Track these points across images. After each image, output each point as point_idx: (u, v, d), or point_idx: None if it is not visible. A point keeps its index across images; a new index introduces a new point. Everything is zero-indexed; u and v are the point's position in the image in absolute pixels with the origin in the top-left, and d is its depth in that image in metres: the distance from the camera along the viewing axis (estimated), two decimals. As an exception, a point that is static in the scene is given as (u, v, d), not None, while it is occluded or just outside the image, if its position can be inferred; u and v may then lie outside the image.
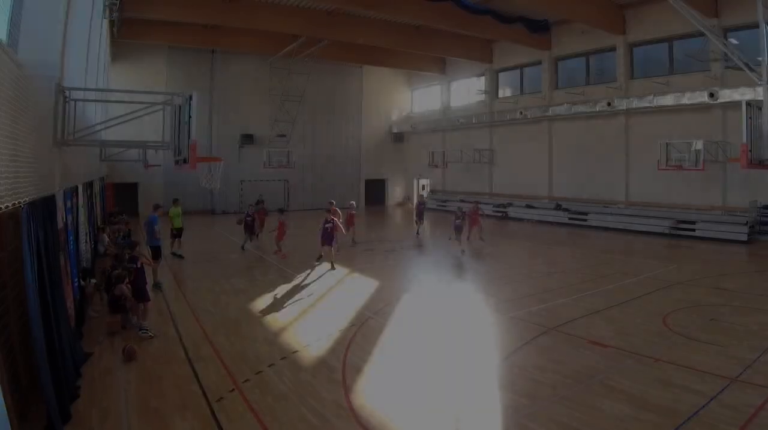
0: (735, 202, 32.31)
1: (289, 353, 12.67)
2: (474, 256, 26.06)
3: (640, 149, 36.66)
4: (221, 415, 9.36)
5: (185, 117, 13.83)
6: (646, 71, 37.55)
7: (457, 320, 15.55)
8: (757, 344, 12.79)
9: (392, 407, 9.79)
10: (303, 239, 28.34)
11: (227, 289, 19.64)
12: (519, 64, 47.49)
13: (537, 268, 22.71)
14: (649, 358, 11.89)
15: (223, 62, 49.70)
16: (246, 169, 50.47)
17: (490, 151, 50.18)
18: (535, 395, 10.12)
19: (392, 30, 42.83)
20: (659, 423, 8.89)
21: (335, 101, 56.72)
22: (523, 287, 19.58)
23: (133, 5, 32.02)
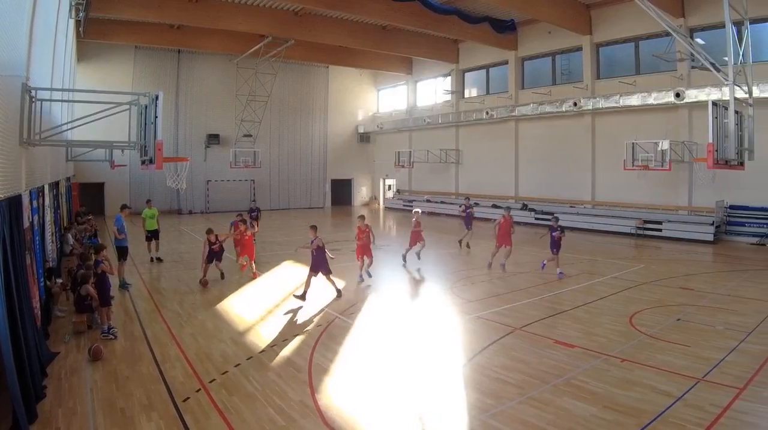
0: (701, 202, 32.61)
1: (256, 353, 12.66)
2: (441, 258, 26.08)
3: (607, 149, 36.97)
4: (187, 415, 9.31)
5: (151, 117, 13.80)
6: (613, 71, 37.85)
7: (423, 320, 15.58)
8: (723, 344, 12.89)
9: (358, 407, 9.80)
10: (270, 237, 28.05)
11: (194, 289, 19.60)
12: (485, 64, 47.73)
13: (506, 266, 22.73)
14: (615, 358, 11.95)
15: (189, 62, 49.67)
16: (212, 169, 50.71)
17: (457, 151, 50.45)
18: (501, 394, 10.13)
19: (358, 30, 43.03)
20: (625, 423, 8.94)
21: (301, 101, 56.84)
22: (489, 287, 19.61)
23: (99, 5, 31.58)
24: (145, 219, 24.49)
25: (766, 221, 29.88)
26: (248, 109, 49.59)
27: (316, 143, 58.23)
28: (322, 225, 31.48)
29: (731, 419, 8.97)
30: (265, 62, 46.23)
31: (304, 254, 20.85)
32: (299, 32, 40.95)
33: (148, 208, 24.83)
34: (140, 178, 45.70)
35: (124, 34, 40.65)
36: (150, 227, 24.45)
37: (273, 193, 55.06)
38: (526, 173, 44.19)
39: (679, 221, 32.80)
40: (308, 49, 46.90)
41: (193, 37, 42.91)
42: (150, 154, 13.87)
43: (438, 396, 10.27)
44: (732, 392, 9.97)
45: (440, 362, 12.07)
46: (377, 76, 61.13)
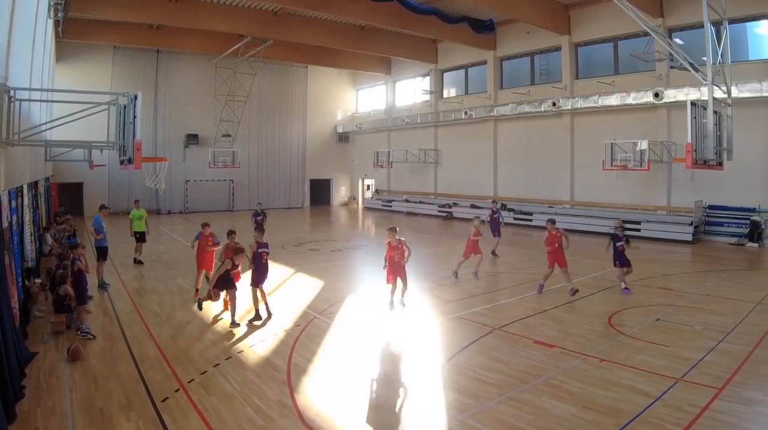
0: (680, 202, 32.76)
1: (235, 353, 12.64)
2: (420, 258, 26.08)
3: (585, 149, 37.13)
4: (166, 415, 9.29)
5: (130, 117, 13.79)
6: (592, 71, 38.04)
7: (402, 320, 15.56)
8: (701, 344, 12.94)
9: (337, 406, 9.81)
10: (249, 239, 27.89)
11: (172, 289, 19.62)
12: (464, 64, 47.92)
13: (482, 268, 22.71)
14: (594, 358, 11.97)
15: (168, 62, 49.48)
16: (191, 168, 50.64)
17: (435, 151, 50.54)
18: (480, 394, 10.14)
19: (337, 30, 43.12)
20: (604, 423, 8.96)
21: (280, 101, 56.82)
22: (469, 287, 19.57)
23: (78, 5, 31.47)
24: (132, 220, 24.14)
25: (744, 221, 30.00)
26: (227, 109, 49.58)
27: (294, 143, 58.25)
28: (300, 225, 31.53)
29: (710, 419, 9.01)
30: (244, 62, 46.22)
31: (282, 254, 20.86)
32: (278, 32, 41.03)
33: (136, 208, 24.49)
34: (119, 178, 45.52)
35: (102, 34, 40.49)
36: (137, 228, 24.03)
37: (252, 193, 54.73)
38: (504, 173, 44.33)
39: (658, 221, 32.94)
40: (287, 49, 46.96)
41: (171, 37, 42.81)
42: (129, 154, 13.85)
43: (417, 396, 10.29)
44: (711, 392, 10.01)
45: (419, 362, 12.08)
46: (356, 76, 61.19)
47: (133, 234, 24.07)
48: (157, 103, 49.04)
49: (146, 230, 24.38)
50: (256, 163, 55.15)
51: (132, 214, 24.34)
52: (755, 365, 11.49)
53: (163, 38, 43.05)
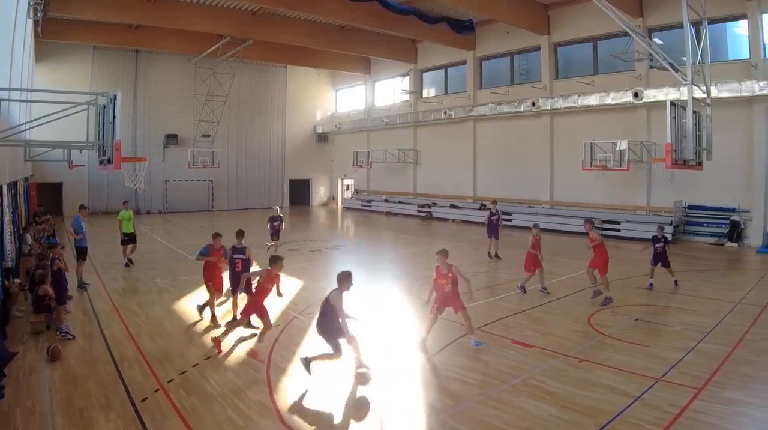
0: (659, 202, 32.89)
1: (214, 353, 12.59)
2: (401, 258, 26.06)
3: (565, 149, 37.20)
4: (146, 415, 9.27)
5: (109, 117, 13.78)
6: (571, 71, 38.17)
7: (381, 320, 15.55)
8: (681, 344, 13.01)
9: (317, 407, 9.85)
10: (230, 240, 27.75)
11: (151, 288, 19.62)
12: (443, 64, 47.96)
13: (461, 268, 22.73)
14: (573, 358, 12.01)
15: (148, 62, 49.35)
16: (170, 169, 50.52)
17: (415, 151, 50.56)
18: (459, 394, 10.18)
19: (317, 30, 43.11)
20: (583, 423, 8.99)
21: (260, 101, 56.82)
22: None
23: (58, 5, 31.31)
24: (122, 221, 23.79)
25: (724, 221, 30.17)
26: (206, 109, 49.41)
27: (274, 143, 58.21)
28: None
29: (689, 420, 9.05)
30: (223, 62, 46.11)
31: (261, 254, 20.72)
32: (257, 32, 41.00)
33: (125, 209, 24.19)
34: (98, 178, 45.33)
35: (82, 34, 40.31)
36: (126, 229, 23.70)
37: (231, 193, 55.01)
38: (484, 173, 44.39)
39: (638, 221, 32.99)
40: (266, 49, 46.87)
41: (151, 37, 42.60)
42: (108, 154, 13.83)
43: (397, 396, 10.26)
44: (690, 393, 10.06)
45: (399, 362, 12.06)
46: (335, 76, 61.15)
47: (122, 235, 23.77)
48: (136, 103, 48.87)
49: (134, 231, 24.12)
50: (236, 163, 55.06)
51: (121, 215, 24.04)
52: (735, 365, 11.54)
53: (142, 38, 42.86)
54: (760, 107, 28.50)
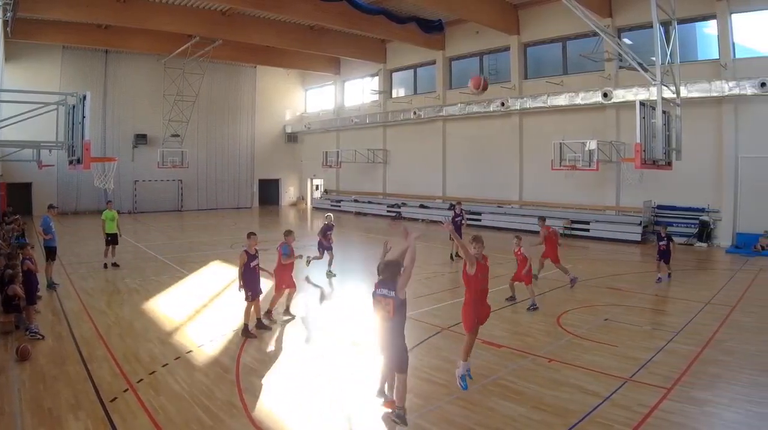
0: (629, 202, 33.12)
1: (183, 352, 12.59)
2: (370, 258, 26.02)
3: (534, 149, 37.32)
4: (115, 415, 9.24)
5: (79, 117, 13.86)
6: (540, 71, 38.35)
7: (351, 320, 15.58)
8: (650, 344, 13.09)
9: (286, 407, 9.81)
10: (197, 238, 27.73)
11: (121, 288, 19.52)
12: (413, 64, 48.00)
13: (430, 268, 22.71)
14: (543, 358, 12.05)
15: (117, 62, 49.13)
16: (140, 169, 50.30)
17: (384, 151, 50.67)
18: (429, 395, 10.20)
19: (286, 30, 43.10)
20: (553, 423, 9.01)
21: (229, 101, 56.75)
22: (417, 287, 19.44)
23: (27, 5, 31.04)
24: (105, 221, 23.43)
25: (693, 221, 30.44)
26: (176, 109, 49.31)
27: (243, 143, 58.17)
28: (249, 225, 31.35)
29: (659, 419, 9.09)
30: (192, 62, 46.05)
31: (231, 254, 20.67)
32: (226, 32, 40.88)
33: (109, 209, 23.89)
34: (68, 178, 45.23)
35: (51, 34, 40.12)
36: (109, 229, 23.27)
37: (200, 193, 55.00)
38: (453, 173, 44.51)
39: (607, 221, 33.28)
40: (236, 49, 46.76)
41: (120, 37, 42.41)
42: (77, 154, 14.00)
43: (366, 396, 10.20)
44: (660, 392, 10.11)
45: (369, 362, 11.96)
46: (305, 76, 61.19)
47: (105, 236, 23.38)
48: (105, 103, 48.63)
49: (117, 232, 23.69)
50: (205, 163, 54.97)
51: (104, 214, 23.73)
52: (704, 365, 11.61)
53: (111, 38, 42.65)
54: (730, 107, 28.75)
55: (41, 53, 44.43)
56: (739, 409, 9.56)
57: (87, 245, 26.71)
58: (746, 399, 9.91)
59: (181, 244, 28.29)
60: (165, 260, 25.04)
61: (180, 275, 21.69)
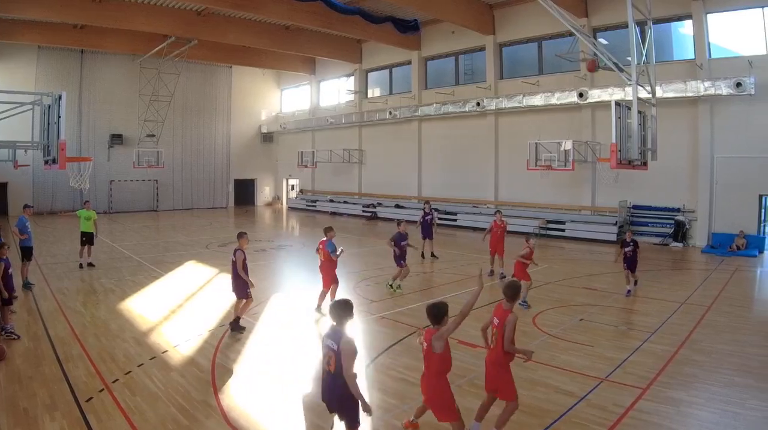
0: (604, 202, 33.26)
1: (159, 352, 12.53)
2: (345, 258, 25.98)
3: (510, 149, 37.40)
4: (91, 415, 9.18)
5: (54, 117, 13.83)
6: (516, 71, 38.42)
7: (326, 320, 15.32)
8: (626, 344, 13.17)
9: (261, 407, 9.80)
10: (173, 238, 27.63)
11: (96, 288, 19.40)
12: (388, 64, 47.99)
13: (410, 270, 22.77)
14: (518, 358, 11.93)
15: (93, 62, 48.74)
16: (115, 169, 50.05)
17: (360, 151, 50.66)
18: (404, 395, 10.16)
19: (261, 30, 43.02)
20: (529, 423, 9.03)
21: (205, 101, 56.54)
22: (394, 287, 19.45)
23: (2, 5, 31.06)
24: (80, 219, 23.37)
25: (669, 221, 30.59)
26: (151, 109, 49.17)
27: (219, 143, 57.97)
28: (225, 225, 31.26)
29: (634, 419, 9.13)
30: (168, 62, 45.99)
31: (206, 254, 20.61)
32: (202, 32, 40.73)
33: (86, 209, 23.64)
34: (43, 178, 44.95)
35: (26, 34, 39.88)
36: (84, 228, 23.14)
37: (176, 193, 54.77)
38: (429, 173, 44.52)
39: (582, 221, 33.37)
40: (211, 49, 46.59)
41: (96, 37, 42.14)
42: (53, 154, 14.07)
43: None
44: (635, 392, 10.16)
45: None
46: (280, 76, 61.18)
47: (81, 236, 23.26)
48: (81, 103, 48.29)
49: (95, 232, 23.52)
50: (181, 163, 54.75)
51: (79, 213, 23.65)
52: (679, 366, 11.67)
53: (87, 38, 42.37)
54: (705, 107, 28.91)
55: (16, 53, 44.09)
56: (714, 409, 9.59)
57: (63, 245, 26.58)
58: (722, 399, 9.96)
59: (156, 244, 28.22)
60: (141, 260, 24.87)
61: (156, 275, 21.57)
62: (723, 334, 14.05)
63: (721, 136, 28.69)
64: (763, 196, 28.52)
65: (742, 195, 28.21)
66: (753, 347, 12.93)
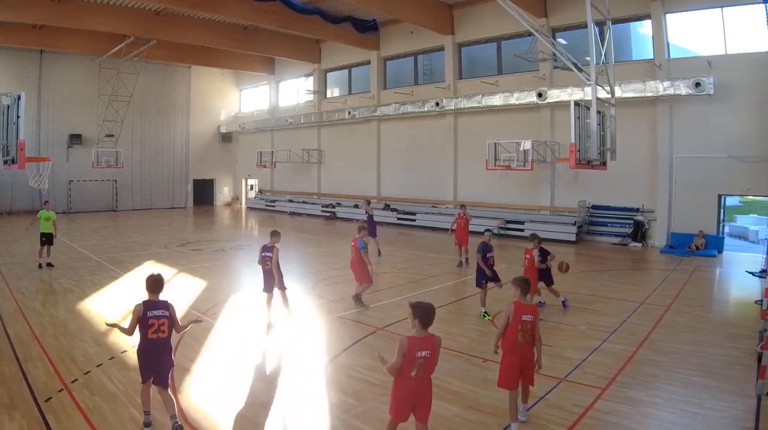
0: (564, 202, 33.43)
1: (118, 352, 12.40)
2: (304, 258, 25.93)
3: (469, 149, 37.47)
4: (50, 415, 9.08)
5: (13, 117, 13.80)
6: (475, 71, 38.52)
7: (285, 320, 15.36)
8: (585, 344, 13.19)
9: (220, 407, 9.75)
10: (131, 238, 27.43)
11: (56, 288, 19.24)
12: (347, 64, 47.95)
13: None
14: (477, 358, 12.10)
15: (52, 62, 48.35)
16: (75, 169, 49.60)
17: (319, 151, 50.62)
18: (363, 394, 10.15)
19: (221, 30, 42.87)
20: (488, 423, 9.05)
21: (164, 101, 56.27)
22: (352, 287, 19.01)
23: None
24: (40, 219, 23.13)
25: (628, 221, 30.80)
26: (110, 109, 48.70)
27: (178, 143, 57.73)
28: (184, 225, 31.06)
29: (594, 419, 9.15)
30: (127, 62, 45.63)
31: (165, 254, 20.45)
32: (161, 32, 40.48)
33: (45, 209, 23.40)
34: (2, 178, 44.39)
35: (-16, 34, 39.27)
36: (43, 229, 22.95)
37: (135, 193, 54.49)
38: (388, 173, 44.56)
39: (542, 221, 33.43)
40: (170, 49, 46.34)
41: (55, 37, 41.73)
42: (12, 154, 14.03)
43: (300, 396, 10.21)
44: (594, 392, 10.19)
45: (302, 363, 12.02)
46: (239, 76, 61.04)
47: (41, 237, 23.07)
48: (40, 103, 47.96)
49: (54, 233, 23.27)
50: (140, 163, 54.43)
51: (40, 214, 23.35)
52: (638, 365, 11.73)
53: (46, 38, 41.98)
54: (664, 107, 29.19)
55: (-25, 54, 43.55)
56: (674, 409, 9.64)
57: (22, 244, 26.37)
58: (681, 399, 10.01)
59: (115, 244, 28.01)
60: (100, 260, 24.66)
61: (115, 275, 21.41)
62: (682, 334, 14.13)
63: (680, 136, 28.94)
64: (722, 196, 28.91)
65: (701, 195, 28.48)
66: (712, 347, 13.01)
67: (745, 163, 26.48)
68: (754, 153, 25.99)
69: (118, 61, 45.56)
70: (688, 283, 20.91)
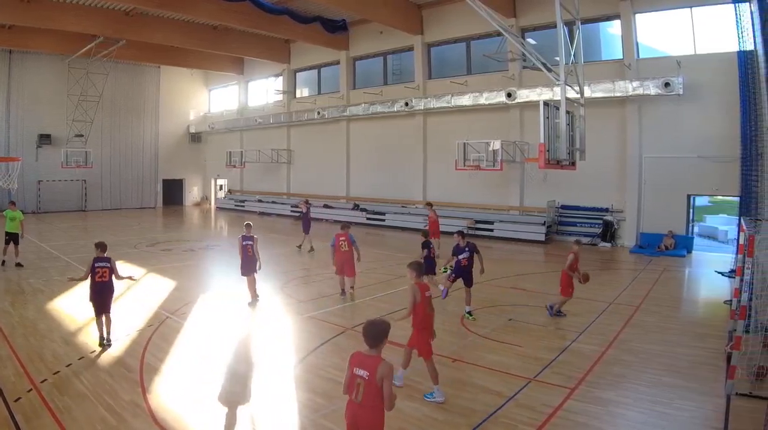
0: (533, 202, 33.57)
1: (87, 352, 12.37)
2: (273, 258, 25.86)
3: (439, 149, 37.55)
4: (19, 415, 9.08)
5: None
6: (444, 71, 38.57)
7: (254, 320, 15.55)
8: (554, 344, 13.27)
9: (189, 407, 9.72)
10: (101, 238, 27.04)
11: (25, 288, 19.08)
12: (317, 64, 47.96)
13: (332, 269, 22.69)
14: (446, 358, 12.04)
15: (21, 62, 48.01)
16: (44, 169, 49.20)
17: (288, 151, 50.63)
18: (332, 394, 10.06)
19: (190, 30, 42.72)
20: (457, 423, 9.07)
21: (133, 101, 55.96)
22: (321, 287, 19.50)
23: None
24: (6, 220, 23.02)
25: (597, 221, 30.92)
26: (80, 109, 48.40)
27: (147, 143, 57.47)
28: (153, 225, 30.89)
29: (563, 419, 9.21)
30: (96, 62, 45.35)
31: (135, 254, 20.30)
32: (130, 32, 40.27)
33: (11, 209, 23.26)
34: (-30, 178, 43.75)
35: (-47, 34, 38.83)
36: (9, 228, 22.87)
37: (104, 193, 54.20)
38: (358, 173, 44.60)
39: (511, 221, 33.56)
40: (140, 49, 46.10)
41: (24, 37, 41.52)
42: None
43: (269, 396, 10.16)
44: (564, 392, 10.24)
45: (272, 362, 11.97)
46: (209, 76, 60.80)
47: (5, 235, 22.99)
48: (9, 103, 47.71)
49: (20, 233, 23.13)
50: (109, 163, 54.17)
51: (6, 213, 23.32)
52: (608, 366, 11.79)
53: (15, 38, 41.75)
54: (633, 107, 29.36)
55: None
56: (643, 408, 9.69)
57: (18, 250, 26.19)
58: (650, 399, 10.06)
59: (84, 244, 27.66)
60: (69, 260, 24.43)
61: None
62: (651, 334, 14.21)
63: (650, 136, 29.09)
64: (691, 196, 29.13)
65: (670, 195, 28.65)
66: (681, 347, 13.09)
67: (714, 163, 26.66)
68: (723, 153, 26.09)
69: (88, 61, 45.27)
70: (657, 283, 21.04)
